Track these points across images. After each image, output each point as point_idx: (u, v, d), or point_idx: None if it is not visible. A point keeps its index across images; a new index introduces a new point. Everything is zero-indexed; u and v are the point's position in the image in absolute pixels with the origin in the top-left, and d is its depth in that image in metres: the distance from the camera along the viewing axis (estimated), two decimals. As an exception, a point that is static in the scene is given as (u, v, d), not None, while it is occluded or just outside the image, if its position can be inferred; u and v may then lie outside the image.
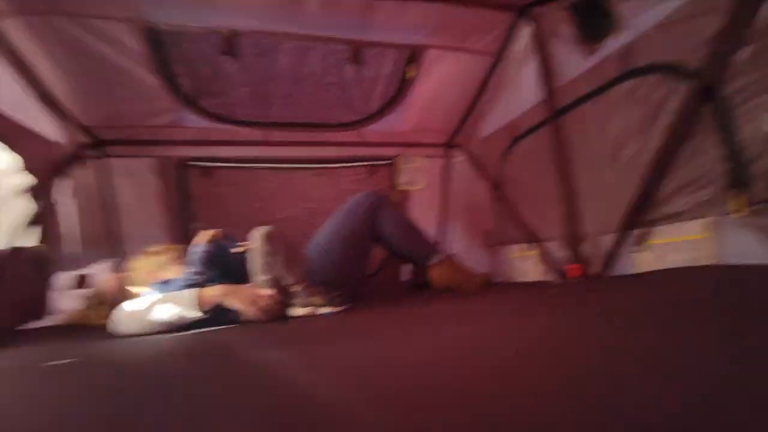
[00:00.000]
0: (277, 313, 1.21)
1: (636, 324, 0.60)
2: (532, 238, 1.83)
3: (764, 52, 0.94)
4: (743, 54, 0.98)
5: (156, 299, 1.16)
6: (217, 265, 1.33)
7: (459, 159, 2.41)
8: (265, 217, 2.18)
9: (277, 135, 2.10)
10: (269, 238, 1.28)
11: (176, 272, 1.37)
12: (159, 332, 1.13)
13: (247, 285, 1.28)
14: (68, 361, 0.67)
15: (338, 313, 1.31)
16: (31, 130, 1.51)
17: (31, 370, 0.67)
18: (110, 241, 1.94)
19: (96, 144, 1.88)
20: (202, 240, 1.40)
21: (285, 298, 1.28)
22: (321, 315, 1.29)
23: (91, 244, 1.90)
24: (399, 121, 2.19)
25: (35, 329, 1.53)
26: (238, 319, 1.20)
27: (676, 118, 1.12)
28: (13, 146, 1.40)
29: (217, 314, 1.18)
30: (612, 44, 1.33)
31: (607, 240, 1.40)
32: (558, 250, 1.68)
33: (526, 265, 1.92)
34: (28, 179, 1.50)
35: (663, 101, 1.18)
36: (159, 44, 1.56)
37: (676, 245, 1.17)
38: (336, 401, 0.39)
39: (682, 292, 0.83)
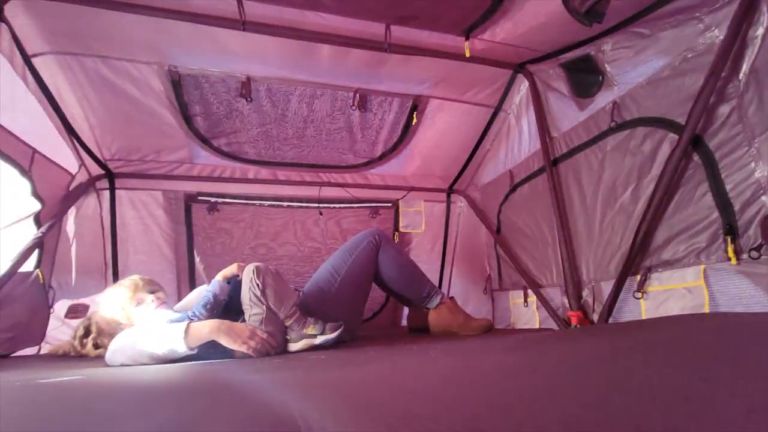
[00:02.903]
0: (268, 352, 1.20)
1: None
2: (532, 284, 1.82)
3: (746, 106, 1.00)
4: (726, 108, 1.04)
5: (146, 332, 1.15)
6: (221, 307, 1.33)
7: (460, 204, 2.46)
8: (267, 253, 2.20)
9: (283, 174, 2.17)
10: (257, 273, 1.28)
11: (153, 305, 1.35)
12: (148, 364, 1.10)
13: (241, 323, 1.24)
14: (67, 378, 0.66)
15: (333, 345, 1.29)
16: (47, 158, 1.57)
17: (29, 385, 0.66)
18: (109, 271, 1.95)
19: (107, 176, 1.95)
20: (227, 274, 1.42)
21: (278, 336, 1.26)
22: (318, 346, 1.27)
23: (89, 273, 1.90)
24: (402, 166, 2.27)
25: (30, 356, 1.50)
26: (231, 354, 1.17)
27: (667, 168, 1.17)
28: (27, 172, 1.46)
29: (208, 349, 1.16)
30: (603, 98, 1.42)
31: (606, 286, 1.39)
32: (558, 296, 1.66)
33: (527, 311, 1.89)
34: (36, 205, 1.54)
35: (653, 152, 1.24)
36: (179, 86, 1.67)
37: (672, 292, 1.16)
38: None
39: (672, 341, 0.82)
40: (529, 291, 1.85)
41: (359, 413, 0.42)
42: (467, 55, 1.51)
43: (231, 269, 1.47)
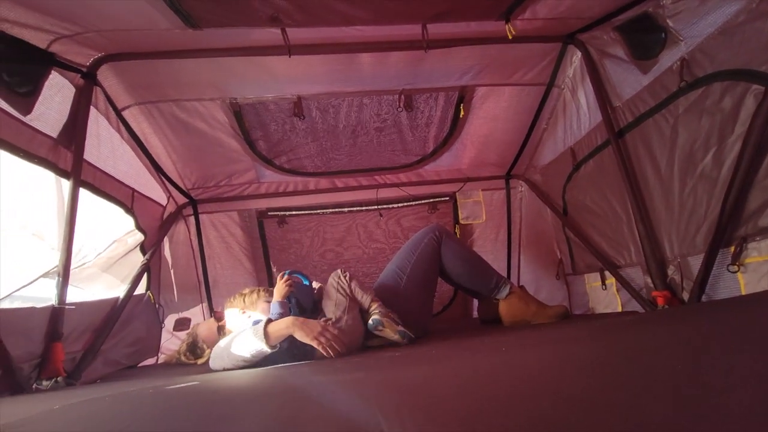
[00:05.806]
0: (339, 348, 1.22)
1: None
2: (608, 265, 1.71)
3: None
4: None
5: (235, 338, 1.24)
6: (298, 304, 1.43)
7: (520, 189, 2.38)
8: (334, 258, 2.32)
9: (341, 182, 2.27)
10: (343, 270, 1.46)
11: (264, 311, 1.49)
12: (244, 367, 1.22)
13: (314, 320, 1.28)
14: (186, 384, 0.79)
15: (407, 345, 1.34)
16: (143, 195, 1.82)
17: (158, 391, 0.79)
18: (203, 286, 2.21)
19: (191, 203, 2.19)
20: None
21: (355, 333, 1.34)
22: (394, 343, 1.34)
23: (187, 289, 2.16)
24: (455, 158, 2.25)
25: (151, 365, 1.76)
26: (312, 355, 1.26)
27: (755, 124, 1.04)
28: (130, 209, 1.71)
29: (292, 349, 1.24)
30: (668, 57, 1.30)
31: (694, 262, 1.28)
32: (639, 276, 1.55)
33: (606, 294, 1.78)
34: (141, 236, 1.80)
35: (735, 108, 1.10)
36: (240, 115, 1.83)
37: (776, 262, 1.04)
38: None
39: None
40: (607, 273, 1.74)
41: (433, 411, 0.45)
42: (510, 36, 1.46)
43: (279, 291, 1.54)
